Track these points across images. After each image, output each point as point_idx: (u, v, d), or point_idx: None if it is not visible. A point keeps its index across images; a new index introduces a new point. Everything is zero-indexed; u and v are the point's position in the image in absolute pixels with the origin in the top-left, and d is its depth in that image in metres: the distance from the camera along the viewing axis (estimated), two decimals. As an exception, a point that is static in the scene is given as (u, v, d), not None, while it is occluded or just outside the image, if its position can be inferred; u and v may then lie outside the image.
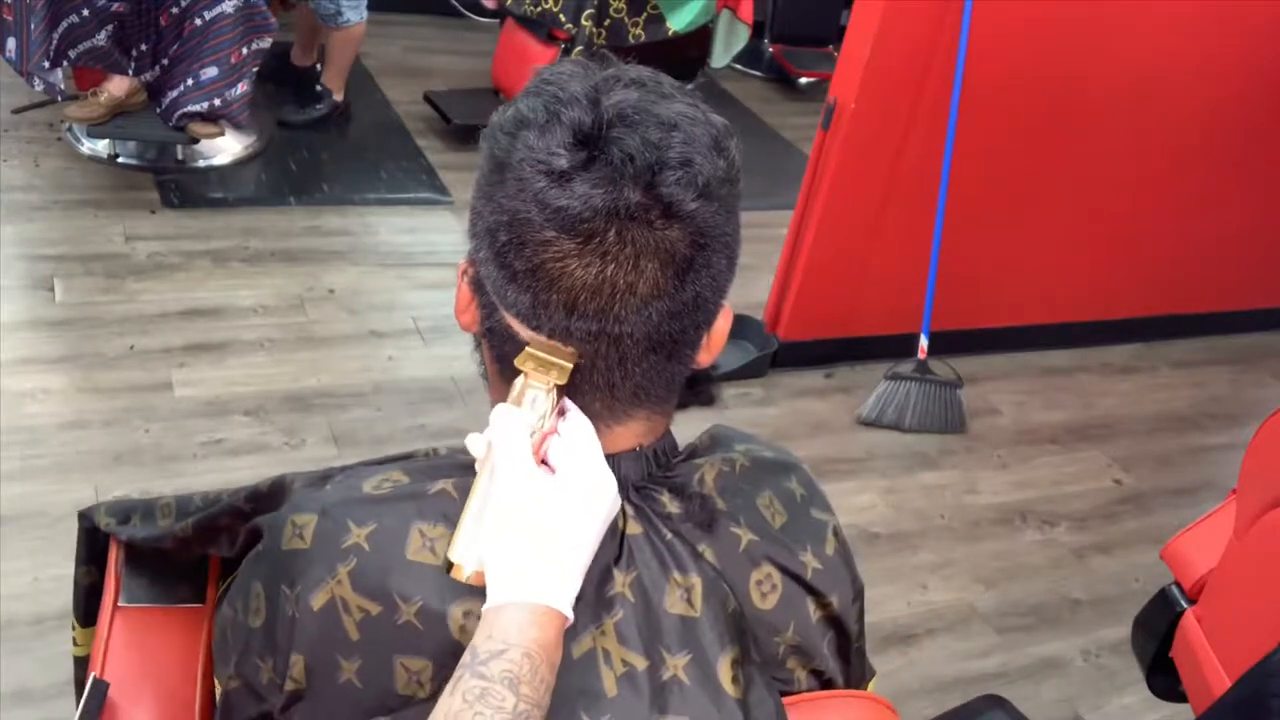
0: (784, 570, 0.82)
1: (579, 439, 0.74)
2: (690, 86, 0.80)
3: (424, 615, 0.73)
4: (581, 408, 0.76)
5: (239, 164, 3.25)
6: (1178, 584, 1.62)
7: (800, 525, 0.85)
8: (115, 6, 2.72)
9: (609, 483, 0.73)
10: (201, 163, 3.19)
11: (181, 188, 3.08)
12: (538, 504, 0.70)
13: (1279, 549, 1.39)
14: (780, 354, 2.80)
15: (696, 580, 0.77)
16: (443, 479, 0.78)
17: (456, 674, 0.66)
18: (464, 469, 0.79)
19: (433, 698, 0.71)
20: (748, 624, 0.80)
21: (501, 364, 0.78)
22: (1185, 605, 1.59)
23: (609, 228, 0.68)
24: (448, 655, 0.72)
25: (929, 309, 2.67)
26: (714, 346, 0.81)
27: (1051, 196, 2.86)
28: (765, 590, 0.82)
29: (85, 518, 1.05)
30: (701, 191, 0.69)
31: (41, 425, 2.18)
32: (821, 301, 2.76)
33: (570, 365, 0.73)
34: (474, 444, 0.74)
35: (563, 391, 0.74)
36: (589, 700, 0.74)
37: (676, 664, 0.75)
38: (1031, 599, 2.30)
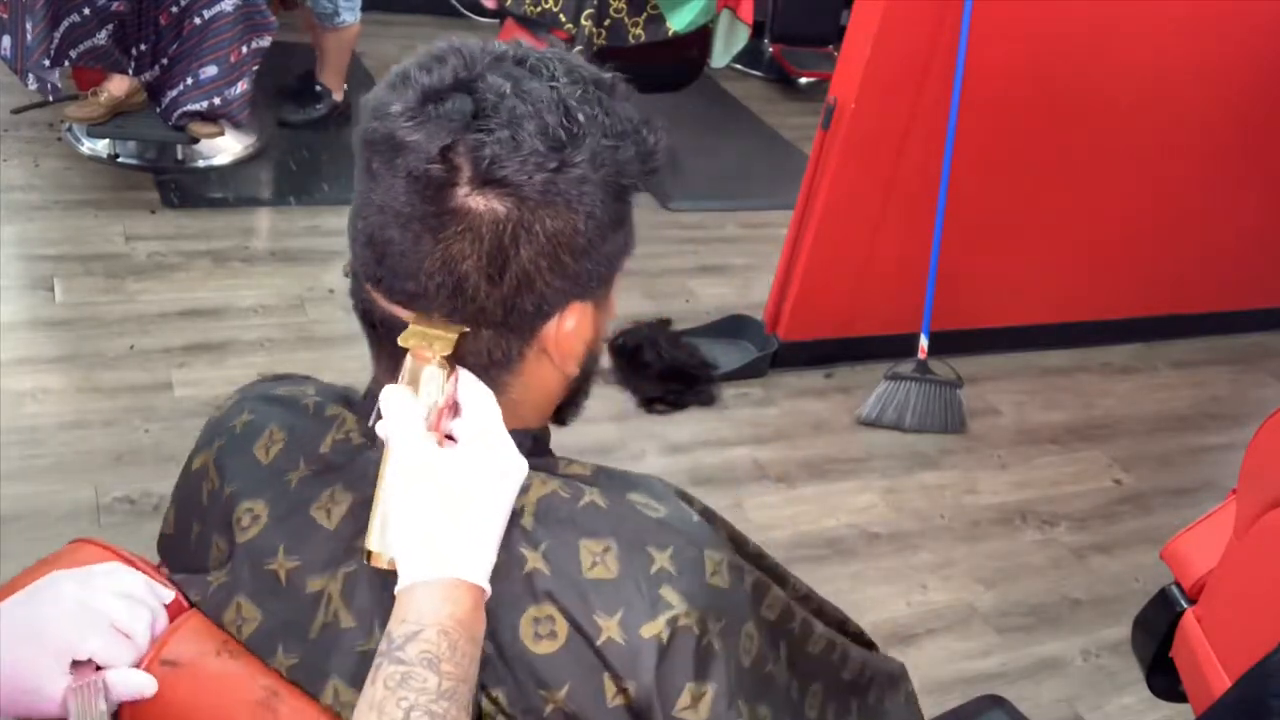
0: (571, 622, 0.74)
1: (478, 408, 0.73)
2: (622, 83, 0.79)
3: (229, 501, 0.82)
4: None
5: (239, 164, 3.25)
6: (1178, 584, 1.61)
7: (625, 590, 0.75)
8: (115, 6, 2.72)
9: (511, 449, 0.73)
10: (201, 163, 3.19)
11: (181, 188, 3.08)
12: (436, 479, 0.70)
13: (1279, 549, 1.39)
14: (780, 354, 2.80)
15: None
16: (320, 396, 0.84)
17: (375, 662, 0.66)
18: (353, 401, 0.84)
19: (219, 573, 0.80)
20: (493, 652, 0.74)
21: (360, 319, 0.79)
22: (1185, 605, 1.58)
23: (396, 175, 0.70)
24: (230, 543, 0.81)
25: (929, 309, 2.67)
26: (561, 350, 0.77)
27: (1051, 196, 2.86)
28: (542, 633, 0.74)
29: None
30: (506, 168, 0.68)
31: (41, 425, 2.18)
32: (821, 301, 2.76)
33: (454, 336, 0.72)
34: (381, 430, 0.74)
35: (452, 362, 0.74)
36: (293, 634, 0.77)
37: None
38: (1031, 599, 2.30)
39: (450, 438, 0.73)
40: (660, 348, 2.66)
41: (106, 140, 3.11)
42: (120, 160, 3.12)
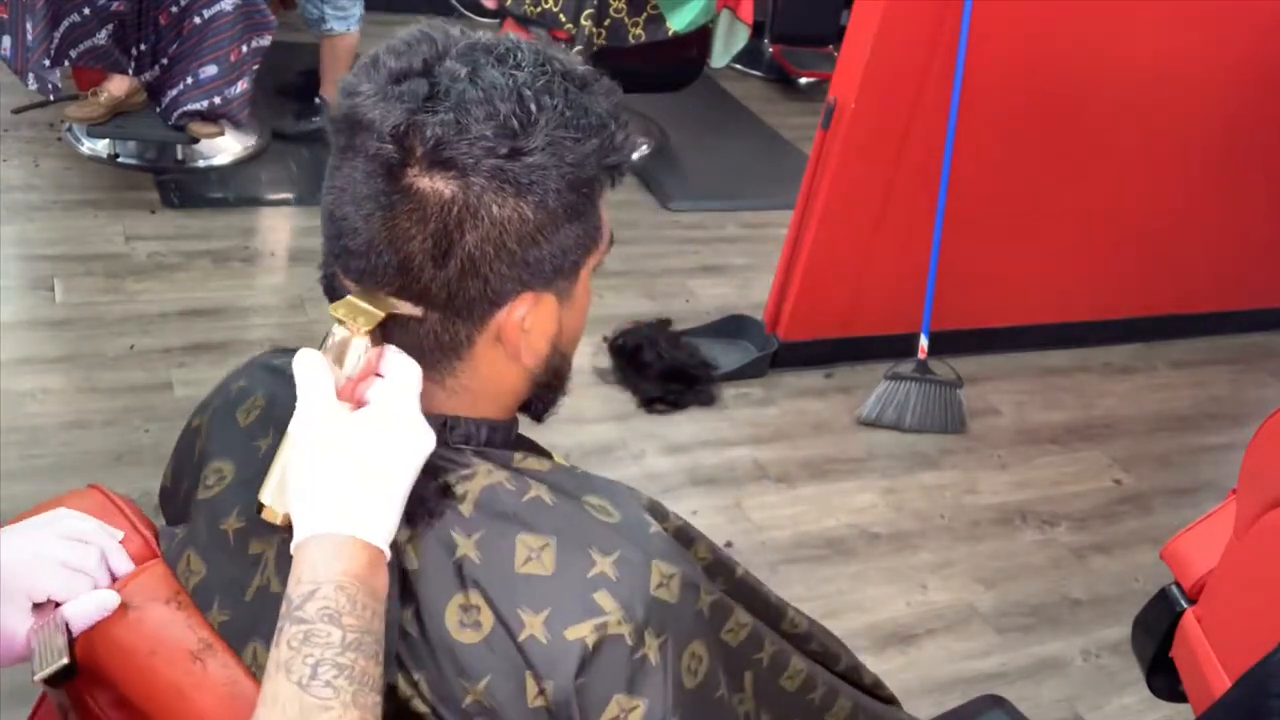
0: (496, 614, 0.73)
1: (395, 379, 0.74)
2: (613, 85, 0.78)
3: (205, 457, 0.87)
4: None
5: (239, 164, 3.25)
6: (1178, 584, 1.61)
7: (558, 589, 0.73)
8: (115, 5, 2.72)
9: (418, 421, 0.73)
10: (201, 163, 3.19)
11: (181, 188, 3.08)
12: (335, 442, 0.70)
13: (1279, 549, 1.39)
14: (780, 354, 2.80)
15: None
16: None
17: (279, 625, 0.66)
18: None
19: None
20: (417, 634, 0.74)
21: (325, 294, 0.81)
22: (1185, 605, 1.58)
23: (356, 154, 0.71)
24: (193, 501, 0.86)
25: (929, 309, 2.67)
26: (513, 340, 0.77)
27: (1052, 196, 2.86)
28: (466, 621, 0.73)
29: None
30: (452, 150, 0.69)
31: (41, 425, 2.18)
32: (821, 301, 2.76)
33: (381, 314, 0.73)
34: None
35: (378, 336, 0.74)
36: (231, 593, 0.80)
37: None
38: (1031, 599, 2.30)
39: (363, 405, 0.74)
40: (660, 348, 2.66)
41: (106, 140, 3.11)
42: (120, 160, 3.12)
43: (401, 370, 0.74)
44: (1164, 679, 1.66)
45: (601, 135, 0.73)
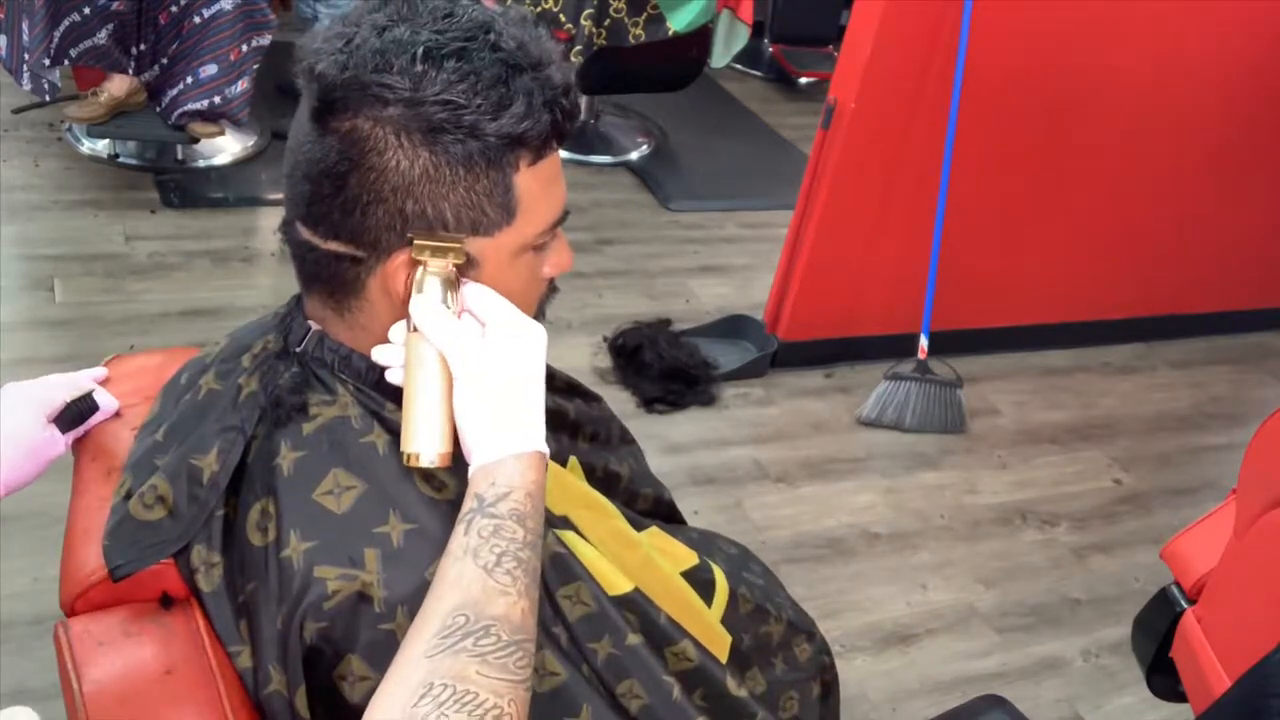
0: (279, 529, 0.77)
1: (489, 297, 0.79)
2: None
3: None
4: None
5: (239, 164, 3.24)
6: (1178, 584, 1.61)
7: (336, 530, 0.76)
8: (115, 5, 2.72)
9: (535, 323, 0.79)
10: (201, 163, 3.19)
11: (181, 188, 3.07)
12: (493, 365, 0.76)
13: (1279, 549, 1.39)
14: (780, 354, 2.80)
15: (262, 432, 0.82)
16: (243, 362, 0.90)
17: (466, 518, 0.72)
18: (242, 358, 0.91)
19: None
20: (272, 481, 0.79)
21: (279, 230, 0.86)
22: (1185, 605, 1.59)
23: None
24: None
25: (929, 309, 2.67)
26: (394, 291, 0.78)
27: (1052, 196, 2.86)
28: (260, 525, 0.78)
29: None
30: (344, 94, 0.73)
31: (41, 425, 2.17)
32: (821, 301, 2.76)
33: (461, 245, 0.77)
34: (383, 355, 0.80)
35: (460, 272, 0.79)
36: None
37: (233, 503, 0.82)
38: (1031, 599, 2.30)
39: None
40: (660, 348, 2.66)
41: (106, 140, 3.11)
42: (120, 160, 3.12)
43: (485, 288, 0.79)
44: (1164, 679, 1.66)
45: (507, 107, 0.73)
